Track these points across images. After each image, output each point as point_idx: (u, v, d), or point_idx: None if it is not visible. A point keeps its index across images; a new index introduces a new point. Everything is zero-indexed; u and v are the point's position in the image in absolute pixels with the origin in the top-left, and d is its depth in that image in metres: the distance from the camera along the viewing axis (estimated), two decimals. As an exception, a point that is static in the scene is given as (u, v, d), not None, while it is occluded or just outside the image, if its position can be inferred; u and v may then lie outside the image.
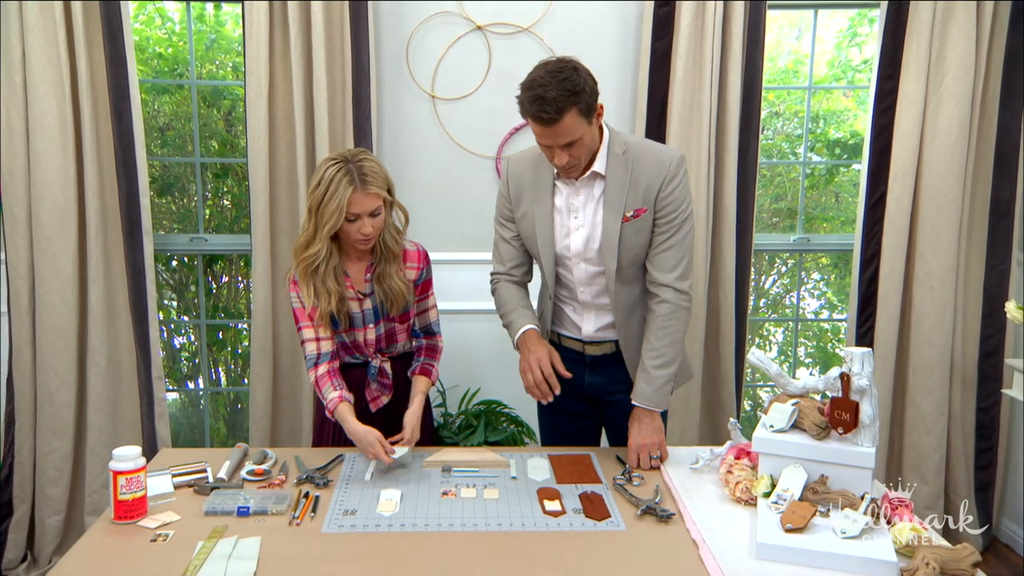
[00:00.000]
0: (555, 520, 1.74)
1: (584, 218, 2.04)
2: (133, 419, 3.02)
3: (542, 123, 1.84)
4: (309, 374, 2.11)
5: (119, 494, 1.68)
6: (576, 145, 1.89)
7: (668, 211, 2.00)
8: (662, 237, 2.02)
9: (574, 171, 1.98)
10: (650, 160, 2.00)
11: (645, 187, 1.99)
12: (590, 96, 1.86)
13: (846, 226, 3.64)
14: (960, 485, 3.15)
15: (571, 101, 1.82)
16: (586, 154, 1.94)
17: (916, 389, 3.09)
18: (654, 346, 2.04)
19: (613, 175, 2.00)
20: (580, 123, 1.85)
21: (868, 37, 3.44)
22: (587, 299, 2.13)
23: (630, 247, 2.02)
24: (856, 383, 1.70)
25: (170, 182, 3.46)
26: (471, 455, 2.08)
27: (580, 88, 1.83)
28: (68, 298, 2.88)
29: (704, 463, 1.98)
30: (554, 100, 1.80)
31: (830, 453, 1.72)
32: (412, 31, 2.97)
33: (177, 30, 3.36)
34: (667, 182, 1.98)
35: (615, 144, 2.01)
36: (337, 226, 1.96)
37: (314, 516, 1.74)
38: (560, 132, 1.85)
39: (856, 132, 3.55)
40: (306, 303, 2.05)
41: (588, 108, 1.86)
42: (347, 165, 1.95)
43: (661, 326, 2.04)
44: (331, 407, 2.04)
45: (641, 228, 2.01)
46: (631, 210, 1.99)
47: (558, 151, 1.90)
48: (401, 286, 2.09)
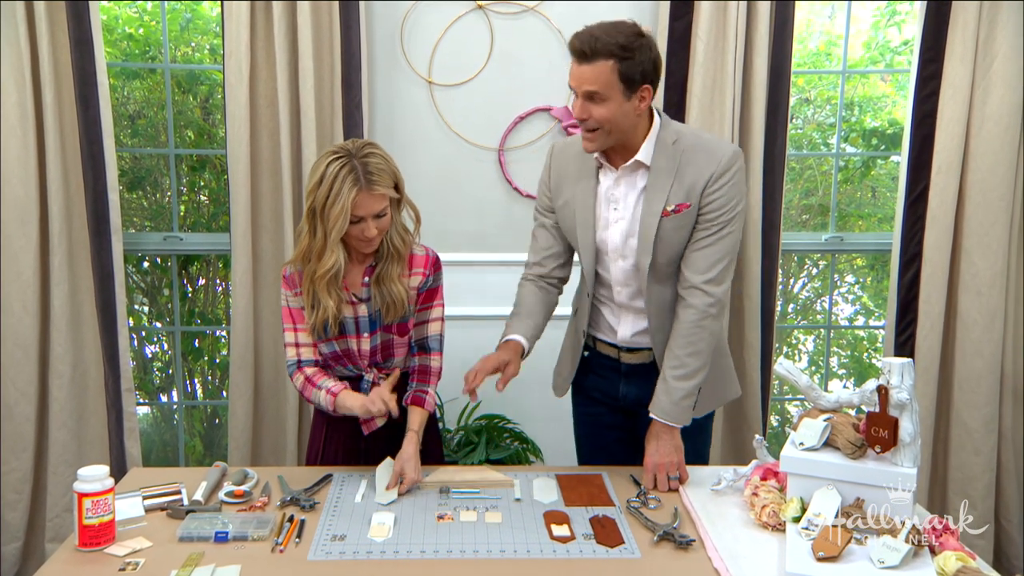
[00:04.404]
0: (563, 546, 1.74)
1: (624, 210, 2.07)
2: (100, 435, 3.02)
3: (574, 56, 1.91)
4: (295, 377, 2.10)
5: (84, 518, 1.68)
6: (598, 104, 1.91)
7: (712, 208, 2.01)
8: (701, 235, 2.03)
9: (592, 139, 1.98)
10: (701, 152, 2.01)
11: (691, 181, 2.00)
12: (639, 67, 1.90)
13: (884, 224, 3.64)
14: (1012, 510, 3.14)
15: (613, 53, 1.87)
16: (611, 127, 1.95)
17: (962, 404, 3.08)
18: (676, 355, 2.05)
19: (658, 166, 2.02)
20: (612, 82, 1.89)
21: (908, 16, 3.44)
22: (624, 300, 2.15)
23: (668, 244, 2.03)
24: (895, 397, 1.70)
25: (141, 175, 3.47)
26: (471, 474, 2.08)
27: (631, 50, 1.88)
28: (29, 302, 2.88)
29: (727, 484, 1.98)
30: (597, 39, 1.87)
31: (866, 474, 1.72)
32: (407, 10, 2.98)
33: (149, 8, 3.37)
34: (716, 178, 1.99)
35: (666, 133, 2.03)
36: (344, 230, 1.95)
37: (299, 542, 1.74)
38: (586, 75, 1.90)
39: (895, 121, 3.55)
40: (308, 317, 2.05)
41: (629, 75, 1.89)
42: (351, 161, 1.93)
43: (684, 334, 2.04)
44: (335, 391, 2.03)
45: (682, 225, 2.02)
46: (673, 204, 2.01)
47: (578, 101, 1.94)
48: (402, 291, 2.07)
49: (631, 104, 1.94)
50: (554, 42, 3.00)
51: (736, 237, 2.06)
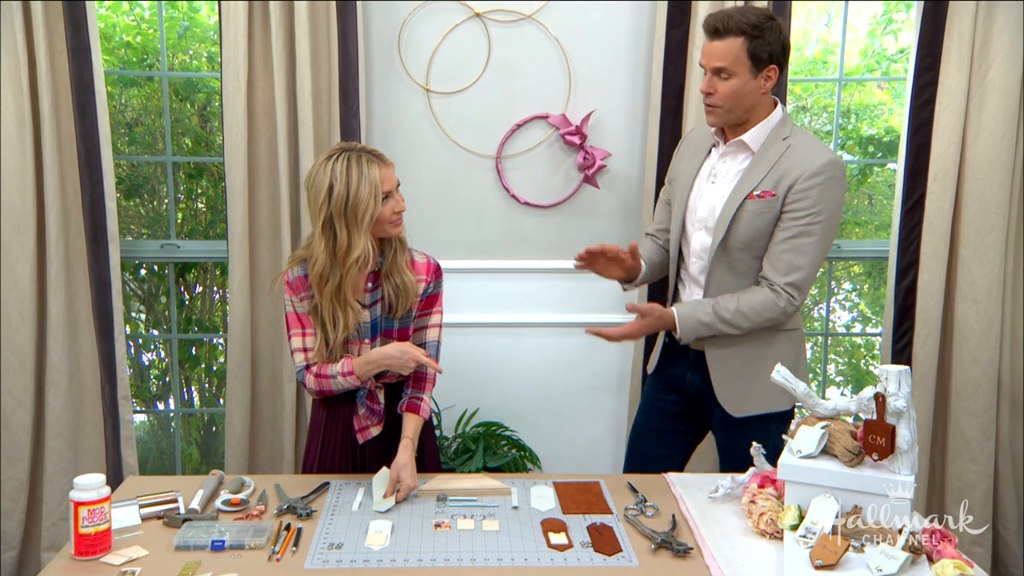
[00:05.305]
0: (561, 555, 1.74)
1: (721, 186, 2.19)
2: (96, 444, 3.02)
3: (708, 33, 2.08)
4: (306, 379, 2.09)
5: (80, 527, 1.68)
6: (726, 79, 2.07)
7: (797, 208, 2.08)
8: (783, 234, 2.10)
9: (714, 114, 2.13)
10: (801, 151, 2.11)
11: (783, 174, 2.10)
12: (767, 46, 2.05)
13: (880, 231, 3.64)
14: (1010, 518, 3.14)
15: (744, 31, 2.04)
16: (732, 103, 2.09)
17: (959, 412, 3.09)
18: (724, 298, 2.13)
19: (763, 153, 2.14)
20: (741, 58, 2.05)
21: (905, 24, 3.45)
22: (695, 273, 2.24)
23: (744, 226, 2.12)
24: (892, 404, 1.70)
25: (139, 183, 3.48)
26: (469, 482, 2.08)
27: (762, 30, 2.04)
28: (25, 311, 2.88)
29: (725, 492, 1.98)
30: (730, 17, 2.04)
31: (864, 482, 1.72)
32: (405, 18, 2.99)
33: (147, 17, 3.38)
34: (806, 177, 2.07)
35: (782, 128, 2.15)
36: (377, 211, 1.98)
37: (296, 550, 1.74)
38: (716, 51, 2.06)
39: (891, 128, 3.56)
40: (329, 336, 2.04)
41: (757, 54, 2.05)
42: (351, 152, 1.99)
43: (752, 299, 2.11)
44: (345, 371, 2.03)
45: (763, 211, 2.11)
46: (760, 190, 2.11)
47: (707, 77, 2.10)
48: (411, 278, 2.10)
49: (756, 83, 2.08)
50: (552, 50, 3.01)
51: (820, 247, 2.11)
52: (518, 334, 3.12)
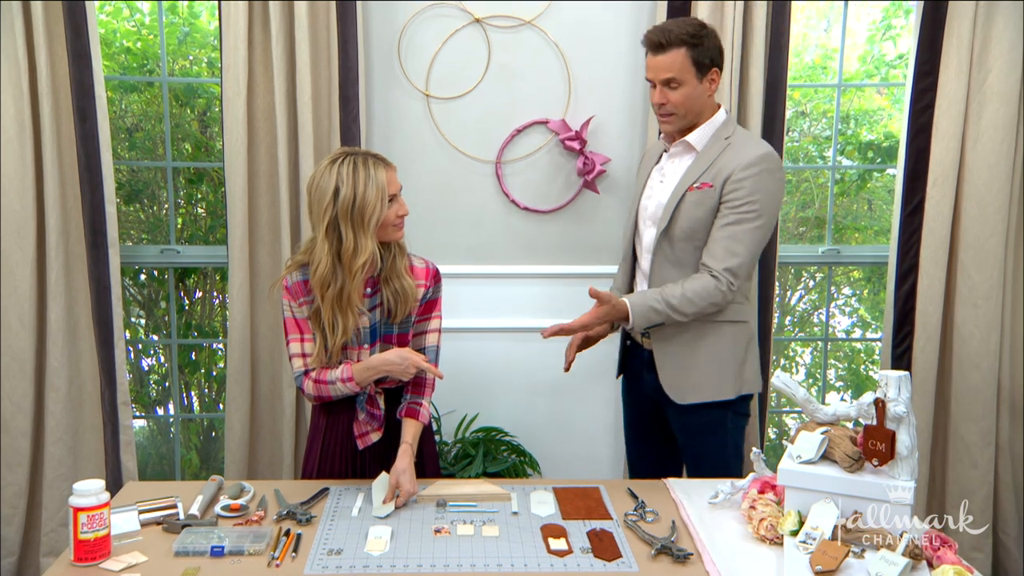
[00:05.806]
0: (561, 560, 1.74)
1: (667, 183, 2.30)
2: (96, 449, 3.01)
3: (651, 48, 2.19)
4: (304, 384, 2.09)
5: (80, 533, 1.68)
6: (676, 88, 2.18)
7: (733, 197, 2.17)
8: (721, 222, 2.19)
9: (669, 122, 2.26)
10: (738, 147, 2.23)
11: (721, 168, 2.21)
12: (707, 52, 2.18)
13: (880, 236, 3.65)
14: (1010, 523, 3.14)
15: (685, 41, 2.15)
16: (685, 110, 2.22)
17: (959, 417, 3.09)
18: (670, 286, 2.19)
19: (705, 152, 2.25)
20: (687, 67, 2.17)
21: (904, 30, 3.46)
22: (646, 268, 2.35)
23: (685, 216, 2.23)
24: (892, 410, 1.70)
25: (139, 188, 3.48)
26: (468, 488, 2.08)
27: (700, 37, 2.17)
28: (25, 316, 2.88)
29: (724, 497, 1.98)
30: (670, 31, 2.16)
31: (864, 487, 1.73)
32: (404, 24, 2.99)
33: (147, 23, 3.39)
34: (740, 168, 2.17)
35: (724, 129, 2.27)
36: (383, 214, 2.00)
37: (295, 556, 1.74)
38: (663, 64, 2.18)
39: (891, 133, 3.57)
40: (329, 341, 2.04)
41: (700, 60, 2.17)
42: (356, 155, 2.01)
43: (693, 286, 2.17)
44: (344, 376, 2.03)
45: (701, 202, 2.21)
46: (700, 182, 2.22)
47: (657, 88, 2.21)
48: (410, 282, 2.11)
49: (703, 87, 2.21)
50: (551, 55, 3.02)
51: (756, 236, 2.19)
52: (518, 339, 3.12)
